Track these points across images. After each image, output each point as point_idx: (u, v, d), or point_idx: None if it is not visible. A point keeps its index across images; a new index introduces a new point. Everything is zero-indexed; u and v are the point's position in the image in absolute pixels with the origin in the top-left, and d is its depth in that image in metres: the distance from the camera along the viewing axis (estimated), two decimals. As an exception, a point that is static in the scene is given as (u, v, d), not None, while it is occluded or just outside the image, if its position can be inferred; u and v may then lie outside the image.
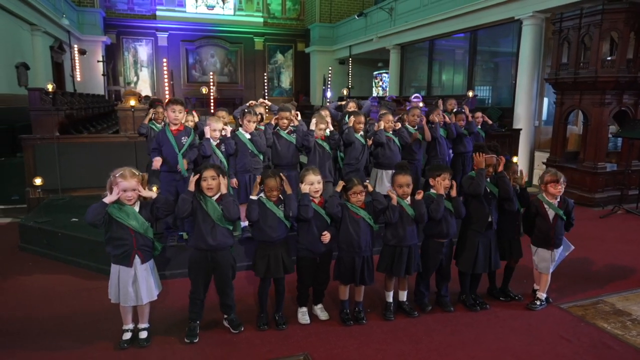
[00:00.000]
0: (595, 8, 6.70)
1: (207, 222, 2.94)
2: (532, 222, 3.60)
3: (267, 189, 3.06)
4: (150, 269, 2.93)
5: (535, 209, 3.56)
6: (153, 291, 2.94)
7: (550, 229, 3.51)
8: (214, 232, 2.95)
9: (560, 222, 3.55)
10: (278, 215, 3.06)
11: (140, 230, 2.83)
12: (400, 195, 3.25)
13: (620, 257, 4.79)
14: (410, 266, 3.31)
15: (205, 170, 2.94)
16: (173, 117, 3.85)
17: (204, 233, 2.93)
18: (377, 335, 3.14)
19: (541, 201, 3.55)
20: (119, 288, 2.85)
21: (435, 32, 11.84)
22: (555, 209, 3.53)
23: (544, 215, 3.53)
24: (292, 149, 4.54)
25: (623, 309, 3.58)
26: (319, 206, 3.16)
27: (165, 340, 3.04)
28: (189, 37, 18.48)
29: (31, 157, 5.89)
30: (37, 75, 10.69)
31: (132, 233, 2.81)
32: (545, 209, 3.54)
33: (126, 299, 2.86)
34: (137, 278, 2.85)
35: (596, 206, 6.97)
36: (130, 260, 2.81)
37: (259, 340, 3.06)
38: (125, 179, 2.75)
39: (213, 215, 2.94)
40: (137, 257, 2.83)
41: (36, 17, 10.60)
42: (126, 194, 2.77)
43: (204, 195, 2.95)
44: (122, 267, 2.83)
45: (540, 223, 3.54)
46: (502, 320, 3.38)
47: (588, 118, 7.29)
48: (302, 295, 3.33)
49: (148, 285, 2.89)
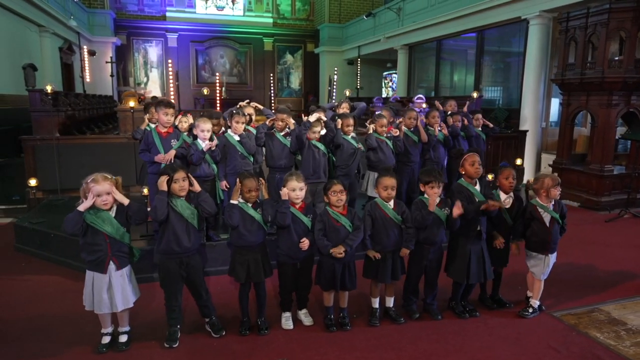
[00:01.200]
0: (602, 7, 6.52)
1: (181, 223, 2.91)
2: (526, 228, 3.48)
3: (245, 190, 3.02)
4: (127, 276, 2.89)
5: (530, 214, 3.45)
6: (129, 298, 2.90)
7: (548, 233, 3.40)
8: (188, 234, 2.92)
9: (557, 227, 3.44)
10: (256, 218, 3.03)
11: (116, 236, 2.80)
12: (384, 198, 3.18)
13: (622, 263, 4.64)
14: (396, 272, 3.24)
15: (175, 173, 2.91)
16: (165, 121, 3.84)
17: (179, 235, 2.89)
18: (359, 342, 3.08)
19: (535, 206, 3.44)
20: (93, 295, 2.81)
21: (442, 32, 11.71)
22: (552, 212, 3.42)
23: (540, 220, 3.41)
24: (286, 151, 4.50)
25: (619, 318, 3.45)
26: (299, 211, 3.11)
27: (145, 345, 3.02)
28: (199, 38, 18.59)
29: (31, 158, 5.96)
30: (45, 76, 10.83)
31: (106, 239, 2.79)
32: (540, 214, 3.43)
33: (100, 306, 2.83)
34: (111, 285, 2.81)
35: (603, 210, 6.78)
36: (105, 266, 2.78)
37: (239, 346, 3.02)
38: (98, 183, 2.73)
39: (185, 214, 2.91)
40: (112, 263, 2.81)
41: (44, 19, 10.76)
42: (101, 199, 2.74)
43: (174, 197, 2.92)
44: (97, 274, 2.80)
45: (536, 228, 3.42)
46: (491, 328, 3.29)
47: (595, 119, 7.11)
48: (285, 300, 3.29)
49: (123, 292, 2.86)
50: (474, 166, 3.35)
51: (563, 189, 7.42)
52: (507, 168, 3.47)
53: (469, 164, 3.36)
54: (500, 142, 8.55)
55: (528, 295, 3.66)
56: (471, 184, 3.37)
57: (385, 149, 4.63)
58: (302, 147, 4.34)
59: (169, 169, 2.98)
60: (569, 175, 7.52)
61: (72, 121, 7.28)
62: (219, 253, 4.23)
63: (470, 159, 3.37)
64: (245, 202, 3.04)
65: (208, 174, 4.14)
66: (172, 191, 2.92)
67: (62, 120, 6.45)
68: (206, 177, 4.10)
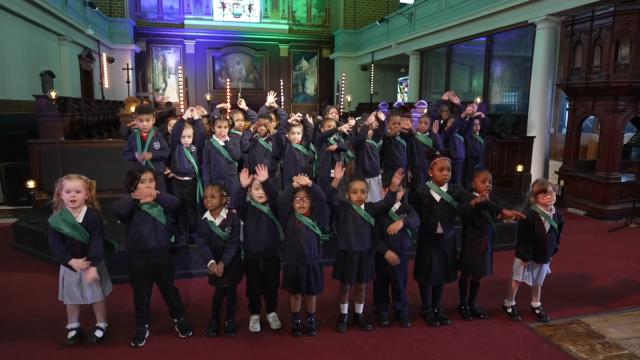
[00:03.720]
0: (607, 10, 6.35)
1: (147, 222, 2.99)
2: (529, 235, 3.37)
3: (203, 197, 3.11)
4: (99, 271, 2.96)
5: (532, 220, 3.36)
6: (98, 294, 2.99)
7: (546, 242, 3.32)
8: (155, 233, 3.00)
9: (554, 236, 3.37)
10: (221, 237, 3.11)
11: (83, 240, 2.90)
12: (355, 202, 3.18)
13: (616, 274, 4.48)
14: (362, 274, 3.22)
15: (143, 173, 3.00)
16: (142, 127, 3.98)
17: (144, 235, 2.97)
18: (322, 348, 3.07)
19: (538, 213, 3.35)
20: (64, 287, 2.94)
21: (453, 37, 11.60)
22: (551, 221, 3.33)
23: (541, 227, 3.33)
24: (269, 156, 4.56)
25: (597, 331, 3.34)
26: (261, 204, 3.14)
27: (115, 343, 3.10)
28: (216, 45, 18.95)
29: (37, 161, 6.21)
30: (63, 83, 11.28)
31: (75, 241, 2.89)
32: (542, 221, 3.34)
33: (72, 298, 2.95)
34: (81, 280, 2.93)
35: (609, 219, 6.56)
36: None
37: (203, 347, 3.07)
38: (70, 180, 2.86)
39: (152, 213, 2.99)
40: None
41: (63, 28, 11.20)
42: (70, 195, 2.84)
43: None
44: (67, 270, 2.92)
45: (537, 235, 3.34)
46: (460, 337, 3.23)
47: (601, 125, 6.89)
48: (253, 303, 3.32)
49: (93, 287, 2.96)
50: (442, 172, 3.31)
51: (569, 197, 7.32)
52: (483, 171, 3.40)
53: (438, 169, 3.32)
54: (507, 148, 8.39)
55: (534, 307, 3.57)
56: (437, 185, 3.34)
57: (371, 152, 4.61)
58: (281, 148, 4.39)
59: (136, 169, 3.08)
60: (575, 183, 7.32)
61: (80, 126, 7.54)
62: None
63: (440, 164, 3.32)
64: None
65: (187, 170, 4.22)
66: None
67: (67, 125, 6.68)
68: (185, 173, 4.20)
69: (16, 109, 8.67)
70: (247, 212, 3.14)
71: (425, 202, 3.32)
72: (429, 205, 3.29)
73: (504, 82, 11.40)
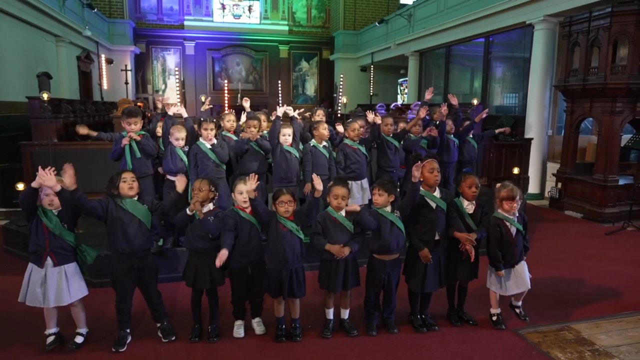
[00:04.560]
0: (604, 11, 6.27)
1: (133, 223, 2.95)
2: (498, 243, 3.28)
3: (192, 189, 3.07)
4: (67, 274, 2.92)
5: (499, 227, 3.28)
6: (63, 296, 2.90)
7: (514, 246, 3.27)
8: (138, 234, 2.96)
9: (520, 238, 3.32)
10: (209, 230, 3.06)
11: (55, 231, 2.85)
12: (335, 207, 3.13)
13: (610, 279, 4.40)
14: (347, 281, 3.17)
15: (125, 172, 3.02)
16: (129, 129, 3.94)
17: (129, 236, 2.94)
18: (305, 354, 3.03)
19: (502, 219, 3.29)
20: (27, 287, 2.88)
21: (451, 38, 11.53)
22: (516, 224, 3.29)
23: (507, 233, 3.27)
24: (259, 158, 4.53)
25: (588, 338, 3.27)
26: (249, 215, 3.10)
27: (96, 348, 3.07)
28: (215, 46, 18.92)
29: (29, 163, 6.18)
30: (61, 84, 11.26)
31: (45, 234, 2.85)
32: (507, 226, 3.29)
33: (33, 299, 2.88)
34: (46, 280, 2.86)
35: (606, 222, 6.48)
36: (42, 261, 2.86)
37: (185, 353, 3.03)
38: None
39: (136, 213, 2.95)
40: (50, 258, 2.86)
41: (61, 30, 11.18)
42: (48, 198, 2.87)
43: (122, 197, 2.96)
44: (35, 267, 2.88)
45: (505, 241, 3.27)
46: (447, 343, 3.17)
47: (599, 127, 6.82)
48: (238, 307, 3.28)
49: (58, 289, 2.88)
50: (433, 174, 3.26)
51: (567, 199, 7.23)
52: (470, 176, 3.35)
53: (428, 170, 3.26)
54: (504, 150, 8.32)
55: (513, 304, 3.55)
56: (429, 191, 3.28)
57: (358, 155, 4.56)
58: (273, 147, 4.35)
59: (116, 173, 3.06)
60: (572, 185, 7.25)
61: (74, 128, 7.51)
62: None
63: (429, 166, 3.27)
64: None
65: (180, 169, 4.18)
66: (120, 190, 2.98)
67: (60, 126, 6.65)
68: (177, 172, 4.15)
69: (12, 110, 8.65)
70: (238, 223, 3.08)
71: (422, 211, 3.24)
72: (427, 214, 3.22)
73: (504, 84, 11.33)
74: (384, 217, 3.12)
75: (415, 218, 3.22)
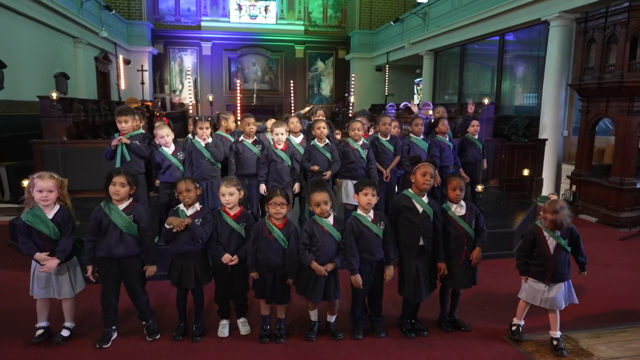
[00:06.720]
0: (621, 5, 6.02)
1: (115, 232, 2.95)
2: (528, 251, 3.10)
3: (178, 193, 3.04)
4: (68, 269, 2.99)
5: (533, 236, 3.08)
6: (66, 290, 2.99)
7: (550, 260, 3.01)
8: (122, 242, 2.95)
9: (563, 254, 3.02)
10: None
11: (52, 236, 2.91)
12: (319, 214, 3.05)
13: (618, 288, 4.20)
14: (330, 291, 3.07)
15: (115, 175, 2.95)
16: (121, 128, 3.97)
17: (111, 244, 2.94)
18: (286, 356, 2.97)
19: (541, 228, 3.05)
20: (34, 281, 2.96)
21: (466, 36, 11.30)
22: (558, 238, 3.00)
23: (543, 244, 3.03)
24: (255, 158, 4.50)
25: (586, 348, 3.12)
26: (232, 219, 3.07)
27: (81, 344, 3.08)
28: (232, 46, 19.09)
29: (39, 161, 6.33)
30: (78, 84, 11.53)
31: (45, 238, 2.90)
32: (544, 237, 3.04)
33: (40, 293, 2.98)
34: (50, 275, 2.95)
35: (622, 227, 6.22)
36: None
37: (167, 351, 3.01)
38: (42, 179, 2.86)
39: (120, 224, 2.94)
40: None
41: (79, 31, 11.45)
42: (42, 194, 2.85)
43: (110, 204, 2.96)
44: (38, 265, 2.93)
45: (538, 252, 3.05)
46: (433, 350, 3.07)
47: (615, 128, 6.55)
48: (222, 307, 3.25)
49: (60, 283, 2.97)
50: (425, 177, 3.15)
51: (581, 202, 6.96)
52: (455, 178, 3.22)
53: (421, 173, 3.16)
54: (517, 150, 8.09)
55: (552, 336, 3.17)
56: (418, 195, 3.18)
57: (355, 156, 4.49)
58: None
59: (113, 170, 3.06)
60: (587, 188, 6.99)
61: (86, 126, 7.67)
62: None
63: (423, 169, 3.17)
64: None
65: (178, 178, 4.16)
66: (109, 192, 2.98)
67: (70, 125, 6.79)
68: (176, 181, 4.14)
69: (29, 109, 8.89)
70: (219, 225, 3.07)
71: (407, 214, 3.15)
72: (412, 218, 3.12)
73: (524, 83, 10.99)
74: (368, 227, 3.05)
75: (400, 222, 3.13)
